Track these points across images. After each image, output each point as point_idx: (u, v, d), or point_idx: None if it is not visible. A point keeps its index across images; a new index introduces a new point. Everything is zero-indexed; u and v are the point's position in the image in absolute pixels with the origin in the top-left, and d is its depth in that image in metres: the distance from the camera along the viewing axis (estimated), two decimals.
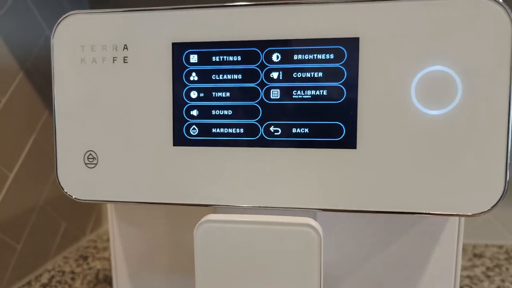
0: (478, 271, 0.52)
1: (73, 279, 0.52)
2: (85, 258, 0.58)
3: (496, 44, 0.25)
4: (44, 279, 0.51)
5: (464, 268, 0.52)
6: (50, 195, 0.55)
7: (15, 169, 0.49)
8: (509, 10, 0.25)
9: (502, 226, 0.59)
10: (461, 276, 0.33)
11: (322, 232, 0.26)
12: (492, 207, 0.25)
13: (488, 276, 0.50)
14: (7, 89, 0.48)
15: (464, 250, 0.57)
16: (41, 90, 0.54)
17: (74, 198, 0.29)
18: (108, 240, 0.65)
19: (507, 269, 0.52)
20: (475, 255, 0.56)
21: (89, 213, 0.66)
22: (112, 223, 0.37)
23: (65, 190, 0.30)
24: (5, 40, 0.47)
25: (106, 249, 0.61)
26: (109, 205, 0.37)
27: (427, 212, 0.26)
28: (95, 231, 0.67)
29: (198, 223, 0.27)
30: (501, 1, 0.25)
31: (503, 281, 0.49)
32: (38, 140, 0.53)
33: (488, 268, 0.52)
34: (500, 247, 0.59)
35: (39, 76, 0.53)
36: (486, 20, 0.25)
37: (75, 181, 0.30)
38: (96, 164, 0.29)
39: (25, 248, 0.50)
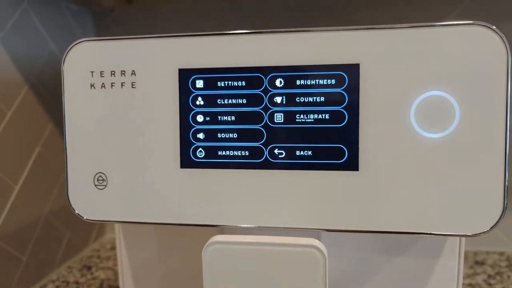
0: (479, 279, 0.52)
1: None
2: (89, 268, 0.58)
3: (492, 70, 0.26)
4: None
5: (465, 276, 0.53)
6: (54, 205, 0.56)
7: (21, 181, 0.50)
8: (504, 37, 0.26)
9: (503, 233, 0.60)
10: (462, 284, 0.34)
11: (327, 253, 0.27)
12: (491, 227, 0.26)
13: (490, 284, 0.51)
14: (12, 102, 0.48)
15: (465, 257, 0.57)
16: (45, 102, 0.54)
17: (85, 218, 0.30)
18: (111, 249, 0.65)
19: (509, 276, 0.53)
20: (476, 263, 0.57)
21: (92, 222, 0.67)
22: (119, 237, 0.38)
23: (76, 211, 0.31)
24: (10, 54, 0.48)
25: (110, 258, 0.62)
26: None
27: (427, 232, 0.27)
28: (98, 240, 0.68)
29: (206, 244, 0.27)
30: (495, 28, 0.26)
31: None
32: (43, 152, 0.54)
33: (489, 276, 0.53)
34: (501, 254, 0.59)
35: (44, 89, 0.54)
36: (482, 47, 0.26)
37: (85, 201, 0.31)
38: (105, 185, 0.30)
39: (30, 259, 0.51)
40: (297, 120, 0.28)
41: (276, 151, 0.28)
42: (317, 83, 0.28)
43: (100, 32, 0.65)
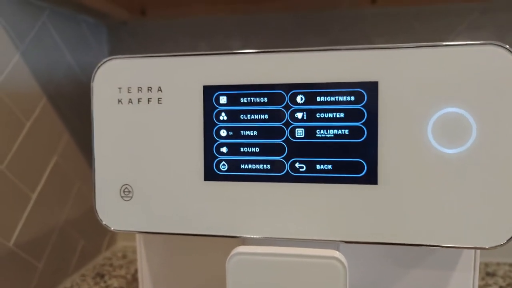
0: None
1: None
2: (102, 276, 0.59)
3: (506, 87, 0.27)
4: None
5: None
6: (70, 214, 0.57)
7: (37, 190, 0.51)
8: None
9: None
10: None
11: (347, 264, 0.27)
12: (508, 240, 0.27)
13: None
14: (31, 113, 0.50)
15: None
16: (62, 113, 0.56)
17: (113, 229, 0.31)
18: (122, 257, 0.66)
19: None
20: (487, 274, 0.57)
21: (105, 230, 0.68)
22: (140, 247, 0.38)
23: (104, 222, 0.32)
24: (30, 67, 0.50)
25: (122, 266, 0.63)
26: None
27: (445, 245, 0.28)
28: (110, 248, 0.69)
29: (230, 255, 0.28)
30: (508, 47, 0.27)
31: None
32: (59, 162, 0.55)
33: (501, 287, 0.53)
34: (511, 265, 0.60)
35: (61, 101, 0.55)
36: (496, 65, 0.27)
37: (112, 213, 0.32)
38: (131, 197, 0.31)
39: (46, 267, 0.52)
40: (317, 135, 0.29)
41: (297, 165, 0.29)
42: (337, 99, 0.29)
43: (114, 44, 0.67)
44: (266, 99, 0.30)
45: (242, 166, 0.30)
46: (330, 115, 0.29)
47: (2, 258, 0.45)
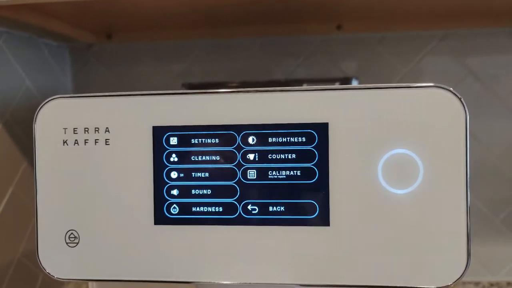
0: None
1: None
2: None
3: (452, 129, 0.27)
4: None
5: None
6: (28, 247, 0.55)
7: None
8: (461, 98, 0.27)
9: (478, 263, 0.62)
10: None
11: None
12: (456, 280, 0.27)
13: None
14: None
15: None
16: (19, 141, 0.53)
17: (56, 278, 0.30)
18: None
19: None
20: None
21: None
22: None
23: (47, 270, 0.30)
24: None
25: None
26: None
27: (396, 285, 0.28)
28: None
29: None
30: (453, 90, 0.27)
31: None
32: (16, 192, 0.53)
33: None
34: (477, 284, 0.61)
35: (18, 128, 0.53)
36: (442, 107, 0.27)
37: (57, 260, 0.30)
38: (77, 243, 0.30)
39: None
40: (269, 176, 0.29)
41: (249, 207, 0.29)
42: (288, 140, 0.28)
43: (78, 67, 0.65)
44: (217, 140, 0.29)
45: (194, 209, 0.29)
46: (282, 156, 0.29)
47: None
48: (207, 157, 0.29)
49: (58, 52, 0.63)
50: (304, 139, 0.28)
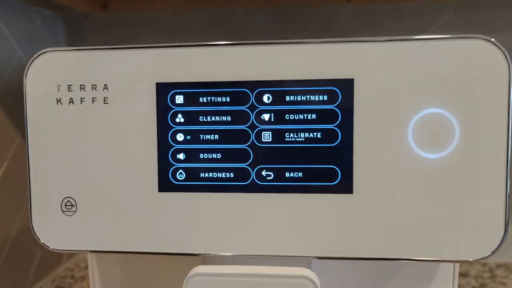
0: None
1: None
2: None
3: (493, 86, 0.24)
4: None
5: None
6: (23, 223, 0.52)
7: None
8: (505, 52, 0.24)
9: None
10: None
11: (319, 283, 0.24)
12: (492, 252, 0.25)
13: None
14: None
15: None
16: (13, 114, 0.51)
17: (52, 248, 0.27)
18: (86, 268, 0.62)
19: None
20: (460, 274, 0.57)
21: None
22: (92, 265, 0.34)
23: (41, 241, 0.27)
24: None
25: (84, 278, 0.58)
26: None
27: (426, 258, 0.25)
28: (72, 257, 0.64)
29: (188, 276, 0.25)
30: (495, 41, 0.24)
31: None
32: (10, 167, 0.50)
33: None
34: (484, 265, 0.59)
35: (11, 100, 0.50)
36: (483, 61, 0.24)
37: (52, 230, 0.27)
38: (74, 211, 0.27)
39: None
40: (286, 139, 0.26)
41: (263, 172, 0.26)
42: (308, 99, 0.26)
43: (73, 39, 0.62)
44: (228, 99, 0.26)
45: (202, 175, 0.27)
46: (301, 116, 0.26)
47: None
48: (216, 117, 0.26)
49: (51, 23, 0.59)
50: (325, 97, 0.25)
